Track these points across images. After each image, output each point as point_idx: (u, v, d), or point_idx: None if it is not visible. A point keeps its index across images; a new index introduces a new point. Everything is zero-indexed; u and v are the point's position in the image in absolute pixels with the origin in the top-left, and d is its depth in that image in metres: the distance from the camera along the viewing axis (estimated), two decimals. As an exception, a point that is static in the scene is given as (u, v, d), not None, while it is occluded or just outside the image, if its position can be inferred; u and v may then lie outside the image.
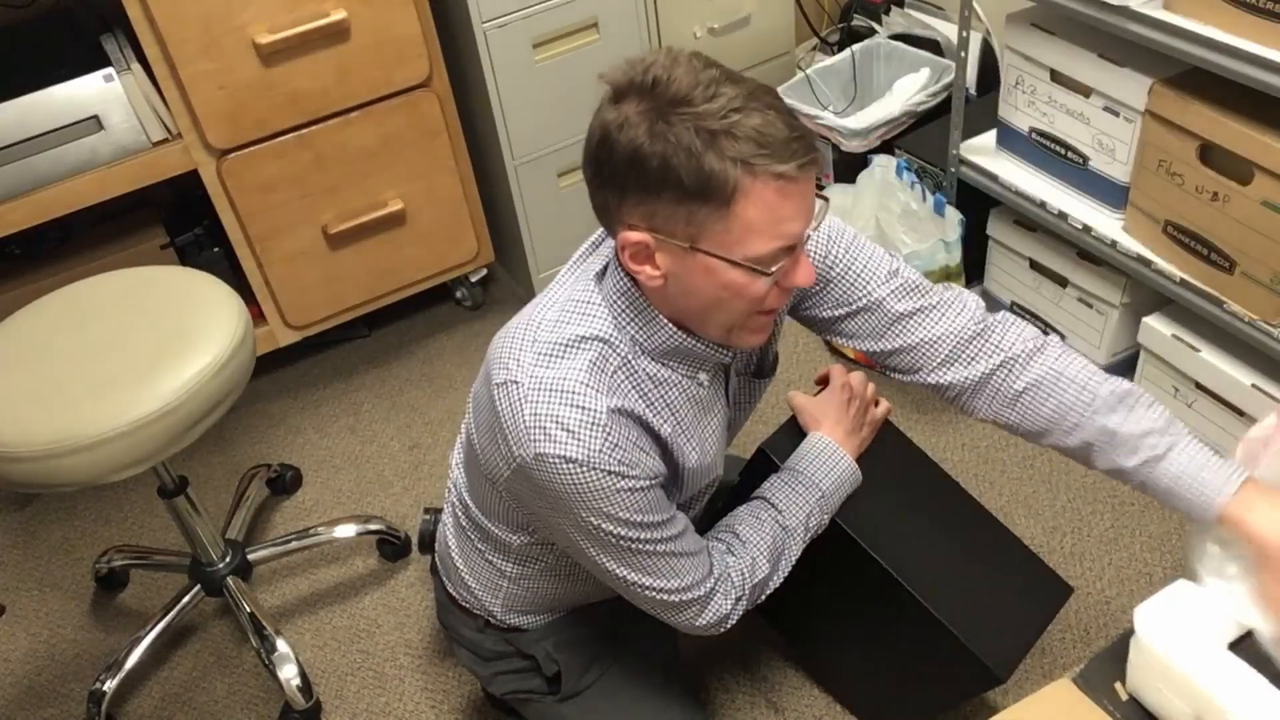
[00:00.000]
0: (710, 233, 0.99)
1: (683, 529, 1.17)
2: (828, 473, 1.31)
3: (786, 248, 1.00)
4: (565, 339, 1.09)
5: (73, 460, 1.38)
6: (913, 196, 2.03)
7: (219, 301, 1.56)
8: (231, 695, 1.79)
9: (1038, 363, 1.18)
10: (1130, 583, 1.73)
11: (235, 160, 1.99)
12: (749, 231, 0.98)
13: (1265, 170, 1.46)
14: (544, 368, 1.07)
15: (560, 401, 1.05)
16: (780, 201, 0.97)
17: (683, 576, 1.17)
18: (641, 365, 1.11)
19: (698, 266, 1.01)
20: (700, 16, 2.31)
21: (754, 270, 1.00)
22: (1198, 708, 0.92)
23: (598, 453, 1.05)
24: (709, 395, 1.19)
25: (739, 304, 1.04)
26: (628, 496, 1.09)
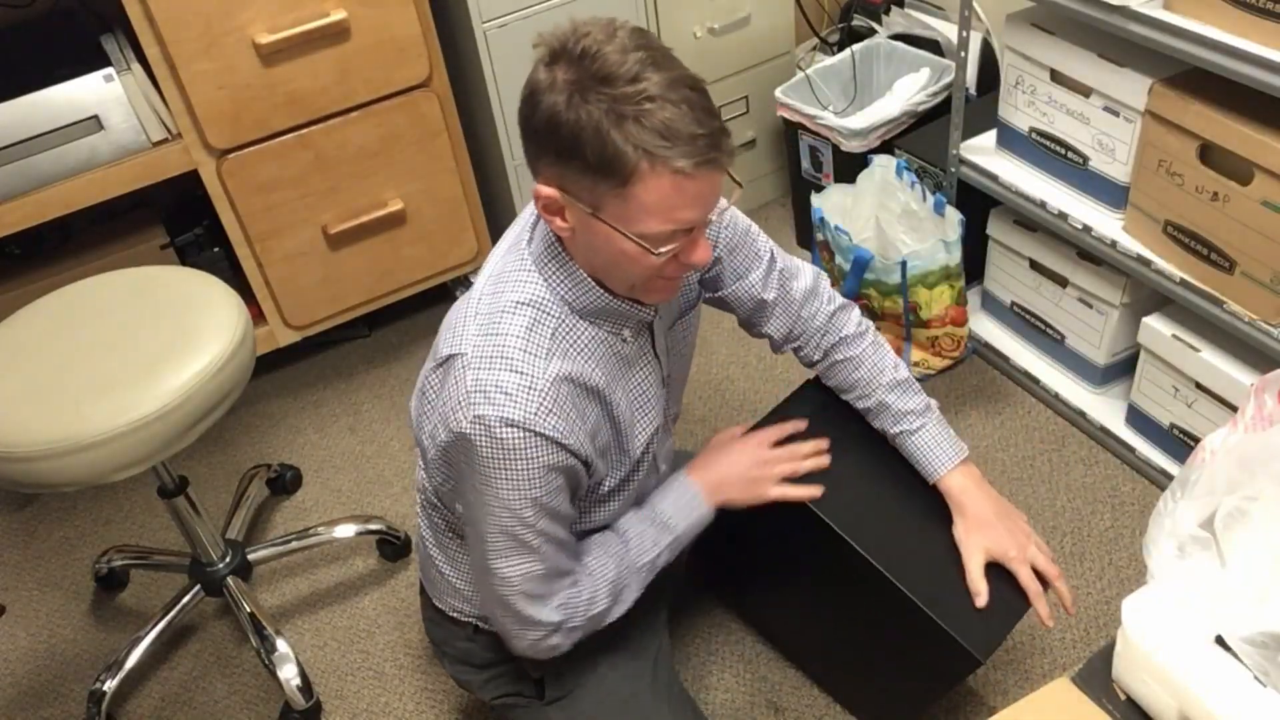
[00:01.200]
0: (609, 205, 1.05)
1: (565, 545, 1.25)
2: (685, 517, 1.36)
3: (681, 230, 1.06)
4: (502, 306, 1.16)
5: (73, 460, 1.38)
6: (913, 196, 2.03)
7: (219, 301, 1.56)
8: (231, 695, 1.79)
9: (857, 344, 1.45)
10: (1130, 583, 1.73)
11: (235, 160, 1.99)
12: (643, 212, 1.04)
13: (1265, 170, 1.46)
14: (485, 336, 1.14)
15: (501, 367, 1.12)
16: (675, 192, 1.02)
17: (545, 588, 1.24)
18: (573, 324, 1.17)
19: (599, 230, 1.07)
20: (700, 16, 2.32)
21: (644, 247, 1.06)
22: (1182, 701, 0.92)
23: (534, 414, 1.11)
24: (634, 350, 1.26)
25: (636, 269, 1.10)
26: (548, 475, 1.15)
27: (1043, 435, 2.01)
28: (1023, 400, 2.09)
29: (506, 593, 1.23)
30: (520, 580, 1.22)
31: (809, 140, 2.32)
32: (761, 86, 2.48)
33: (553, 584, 1.25)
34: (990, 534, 1.35)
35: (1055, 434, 2.00)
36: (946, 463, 1.41)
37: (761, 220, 2.66)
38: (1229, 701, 0.90)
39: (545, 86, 1.03)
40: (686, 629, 1.77)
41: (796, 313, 1.44)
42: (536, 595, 1.24)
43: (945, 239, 1.96)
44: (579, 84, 1.00)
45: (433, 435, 1.22)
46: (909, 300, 2.02)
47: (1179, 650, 0.93)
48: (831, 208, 2.09)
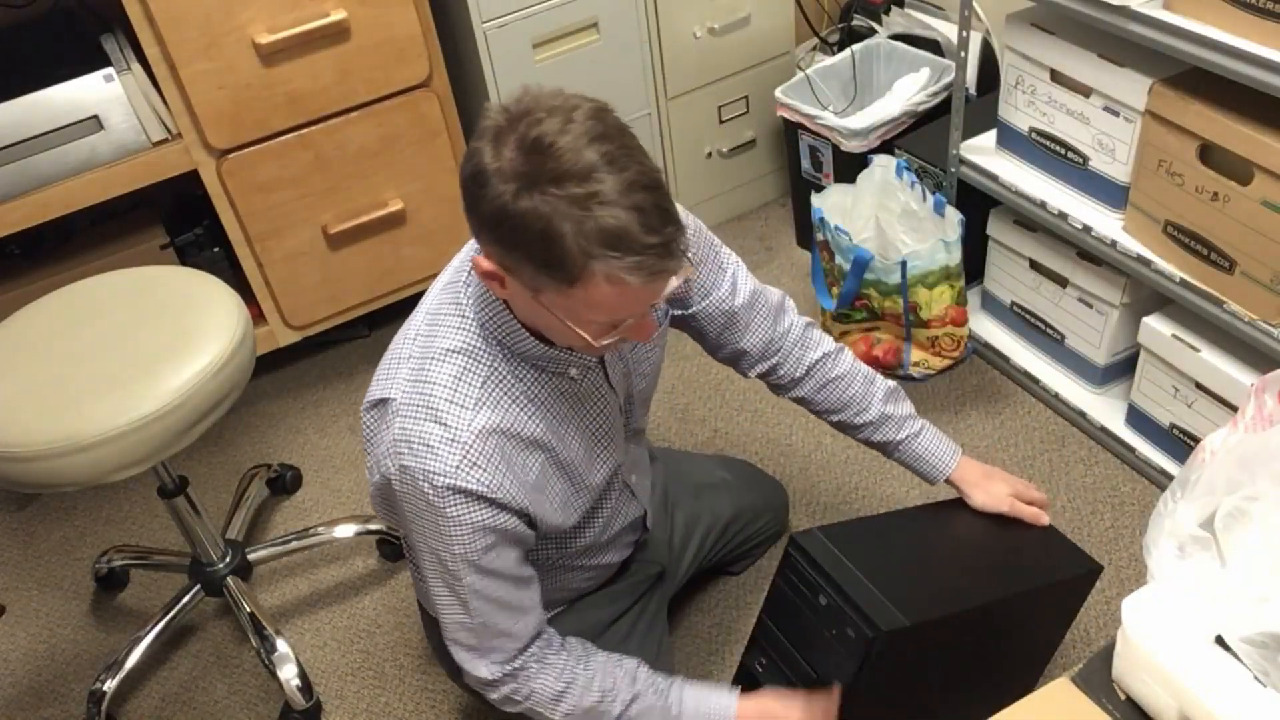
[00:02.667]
0: (552, 296, 1.01)
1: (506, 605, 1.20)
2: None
3: (622, 321, 1.04)
4: (432, 353, 1.13)
5: (73, 460, 1.38)
6: (913, 196, 2.03)
7: (219, 301, 1.56)
8: (231, 695, 1.79)
9: (841, 359, 1.47)
10: (1130, 583, 1.73)
11: (235, 160, 1.99)
12: (587, 308, 1.01)
13: (1265, 170, 1.46)
14: (413, 383, 1.12)
15: (425, 417, 1.10)
16: (621, 296, 0.99)
17: (476, 640, 1.21)
18: (509, 369, 1.14)
19: (540, 306, 1.04)
20: (700, 16, 2.32)
21: (585, 338, 1.05)
22: (1182, 700, 0.93)
23: (456, 468, 1.09)
24: (585, 388, 1.22)
25: (576, 343, 1.08)
26: (476, 535, 1.12)
27: (1043, 435, 2.01)
28: (1023, 400, 2.09)
29: (445, 631, 1.23)
30: (453, 626, 1.22)
31: (809, 140, 2.32)
32: (761, 86, 2.48)
33: (486, 640, 1.21)
34: (1001, 488, 1.46)
35: (1055, 434, 2.01)
36: (953, 455, 1.47)
37: (761, 220, 2.66)
38: (1229, 701, 0.90)
39: (492, 172, 0.96)
40: (687, 629, 1.77)
41: (771, 325, 1.41)
42: (468, 645, 1.22)
43: (945, 239, 1.96)
44: (529, 177, 0.94)
45: (370, 472, 1.21)
46: (909, 300, 2.02)
47: (1179, 650, 0.93)
48: (831, 208, 2.09)
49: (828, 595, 1.25)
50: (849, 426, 1.49)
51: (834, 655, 1.25)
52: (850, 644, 1.22)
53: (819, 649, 1.27)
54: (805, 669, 1.29)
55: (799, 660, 1.30)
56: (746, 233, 2.63)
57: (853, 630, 1.21)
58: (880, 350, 2.16)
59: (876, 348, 2.16)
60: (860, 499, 1.94)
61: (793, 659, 1.31)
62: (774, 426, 2.11)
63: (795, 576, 1.29)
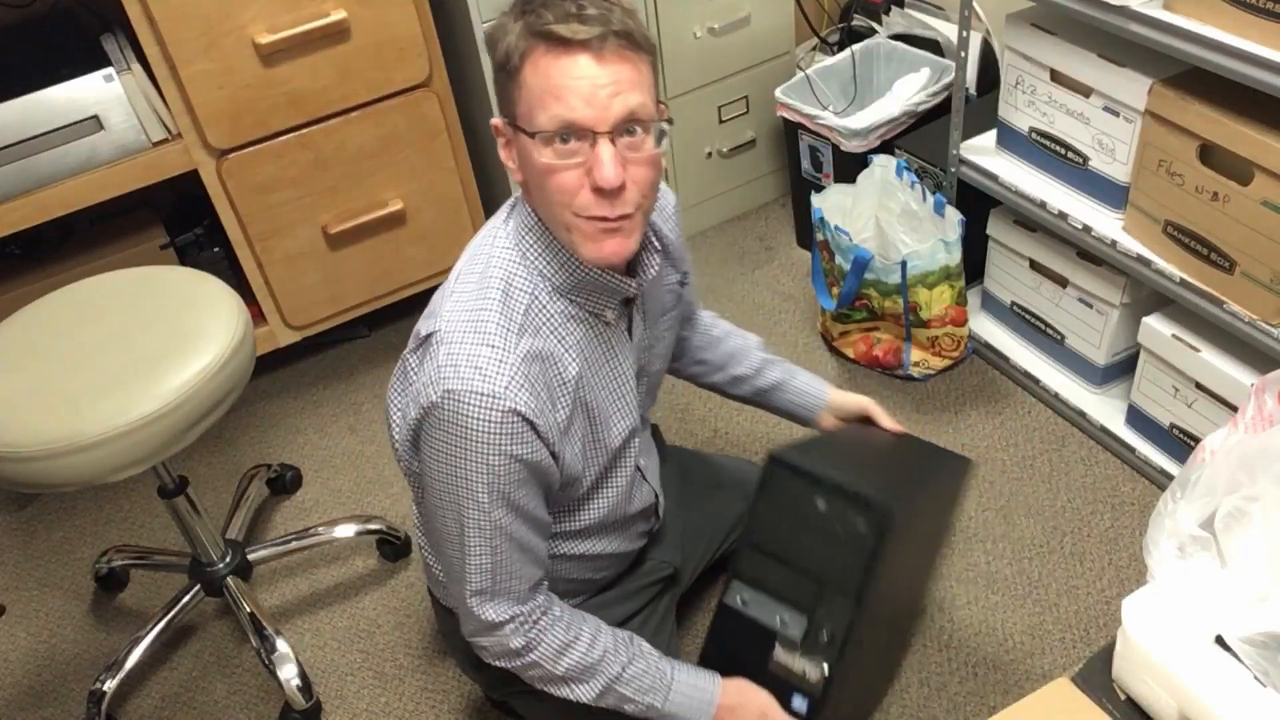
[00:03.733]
0: (515, 106, 1.07)
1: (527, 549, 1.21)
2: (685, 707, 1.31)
3: (573, 127, 1.03)
4: (478, 283, 1.15)
5: (73, 460, 1.38)
6: (913, 196, 2.03)
7: (219, 301, 1.56)
8: (231, 695, 1.79)
9: (717, 321, 1.60)
10: (1130, 583, 1.73)
11: (235, 160, 1.99)
12: (532, 101, 1.04)
13: (1265, 170, 1.46)
14: (460, 312, 1.13)
15: (475, 340, 1.11)
16: (557, 69, 1.02)
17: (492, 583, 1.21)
18: (549, 303, 1.16)
19: (522, 149, 1.09)
20: (700, 16, 2.32)
21: (542, 139, 1.05)
22: (1182, 701, 0.93)
23: (505, 388, 1.09)
24: (614, 335, 1.24)
25: (556, 195, 1.08)
26: (511, 464, 1.12)
27: (1043, 435, 2.01)
28: (1023, 400, 2.09)
29: (457, 576, 1.22)
30: (469, 569, 1.19)
31: (809, 140, 2.32)
32: (761, 86, 2.48)
33: (502, 581, 1.21)
34: (862, 400, 1.56)
35: (1055, 434, 2.01)
36: (823, 381, 1.59)
37: (761, 220, 2.66)
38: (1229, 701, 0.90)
39: (498, 21, 1.08)
40: (688, 628, 1.77)
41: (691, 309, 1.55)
42: (479, 589, 1.20)
43: (945, 239, 1.96)
44: (512, 9, 1.07)
45: (404, 413, 1.21)
46: (909, 300, 2.02)
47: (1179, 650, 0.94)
48: (831, 208, 2.09)
49: (825, 496, 1.24)
50: (741, 379, 1.58)
51: (839, 556, 1.23)
52: (859, 536, 1.21)
53: (818, 558, 1.25)
54: (803, 585, 1.26)
55: (794, 579, 1.27)
56: (746, 233, 2.63)
57: (862, 519, 1.20)
58: (880, 350, 2.16)
59: (876, 348, 2.16)
60: (860, 499, 1.94)
61: (785, 582, 1.28)
62: (774, 426, 2.11)
63: (782, 492, 1.28)
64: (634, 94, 1.04)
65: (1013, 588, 1.75)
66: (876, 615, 1.31)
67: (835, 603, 1.24)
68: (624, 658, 1.28)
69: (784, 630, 1.29)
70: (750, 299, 2.44)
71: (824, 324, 2.26)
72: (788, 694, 1.29)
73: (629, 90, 1.04)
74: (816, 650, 1.26)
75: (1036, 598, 1.73)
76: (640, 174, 1.08)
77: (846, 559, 1.23)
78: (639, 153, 1.07)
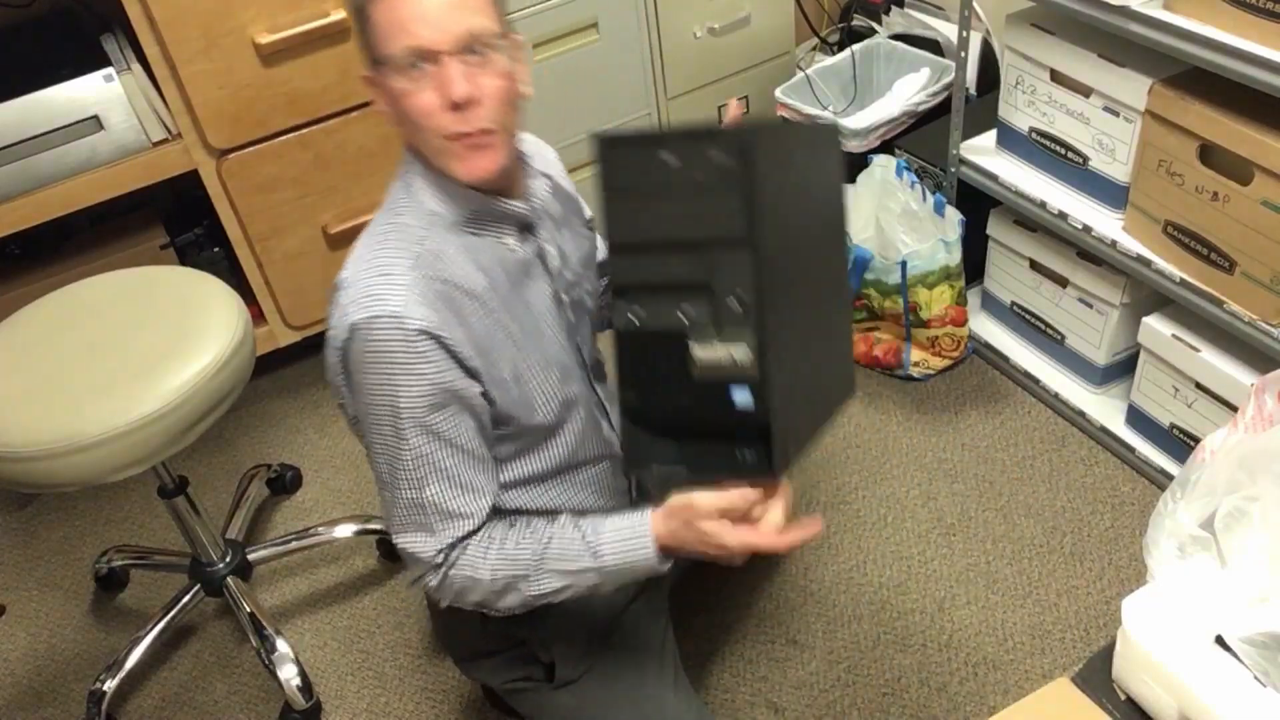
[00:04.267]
0: (372, 47, 1.13)
1: (461, 484, 1.19)
2: (620, 553, 1.19)
3: (419, 50, 1.09)
4: (373, 231, 1.20)
5: (73, 460, 1.38)
6: (913, 196, 2.03)
7: (219, 301, 1.56)
8: (231, 695, 1.79)
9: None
10: (1130, 583, 1.73)
11: (235, 160, 1.99)
12: (380, 34, 1.11)
13: (1265, 170, 1.46)
14: (358, 260, 1.18)
15: (370, 274, 1.15)
16: (400, 3, 1.09)
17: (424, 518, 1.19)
18: (448, 236, 1.19)
19: (383, 84, 1.14)
20: (700, 16, 2.31)
21: (396, 69, 1.10)
22: (1182, 701, 0.93)
23: (401, 306, 1.12)
24: (523, 259, 1.26)
25: (421, 120, 1.13)
26: (428, 390, 1.13)
27: (1043, 435, 2.01)
28: (1023, 400, 2.09)
29: (391, 522, 1.21)
30: (405, 505, 1.18)
31: (809, 140, 2.32)
32: (761, 86, 2.48)
33: (435, 520, 1.18)
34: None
35: (1055, 434, 2.01)
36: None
37: (761, 220, 2.66)
38: (1229, 701, 0.90)
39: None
40: (686, 628, 1.77)
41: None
42: (412, 522, 1.19)
43: (945, 239, 1.96)
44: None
45: (328, 365, 1.22)
46: (909, 300, 2.02)
47: (1179, 650, 0.94)
48: (831, 208, 2.09)
49: (673, 149, 1.06)
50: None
51: (714, 207, 1.05)
52: (726, 171, 1.04)
53: (692, 221, 1.07)
54: (690, 262, 1.07)
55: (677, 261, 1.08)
56: (746, 233, 2.63)
57: (721, 152, 1.03)
58: (880, 350, 2.16)
59: (876, 348, 2.17)
60: (860, 499, 1.94)
61: (670, 270, 1.09)
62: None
63: (624, 170, 1.09)
64: (473, 16, 1.11)
65: (1013, 588, 1.75)
66: (785, 268, 1.10)
67: (731, 260, 1.05)
68: (542, 538, 1.21)
69: (692, 322, 1.09)
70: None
71: (824, 324, 2.26)
72: (726, 394, 1.08)
73: (465, 12, 1.10)
74: (734, 324, 1.07)
75: (1036, 598, 1.73)
76: (491, 86, 1.13)
77: (723, 205, 1.05)
78: (486, 69, 1.13)
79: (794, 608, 1.78)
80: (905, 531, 1.87)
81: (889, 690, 1.64)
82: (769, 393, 1.06)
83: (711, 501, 1.11)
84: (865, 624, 1.74)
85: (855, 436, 2.06)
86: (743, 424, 1.08)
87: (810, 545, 1.87)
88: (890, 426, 2.07)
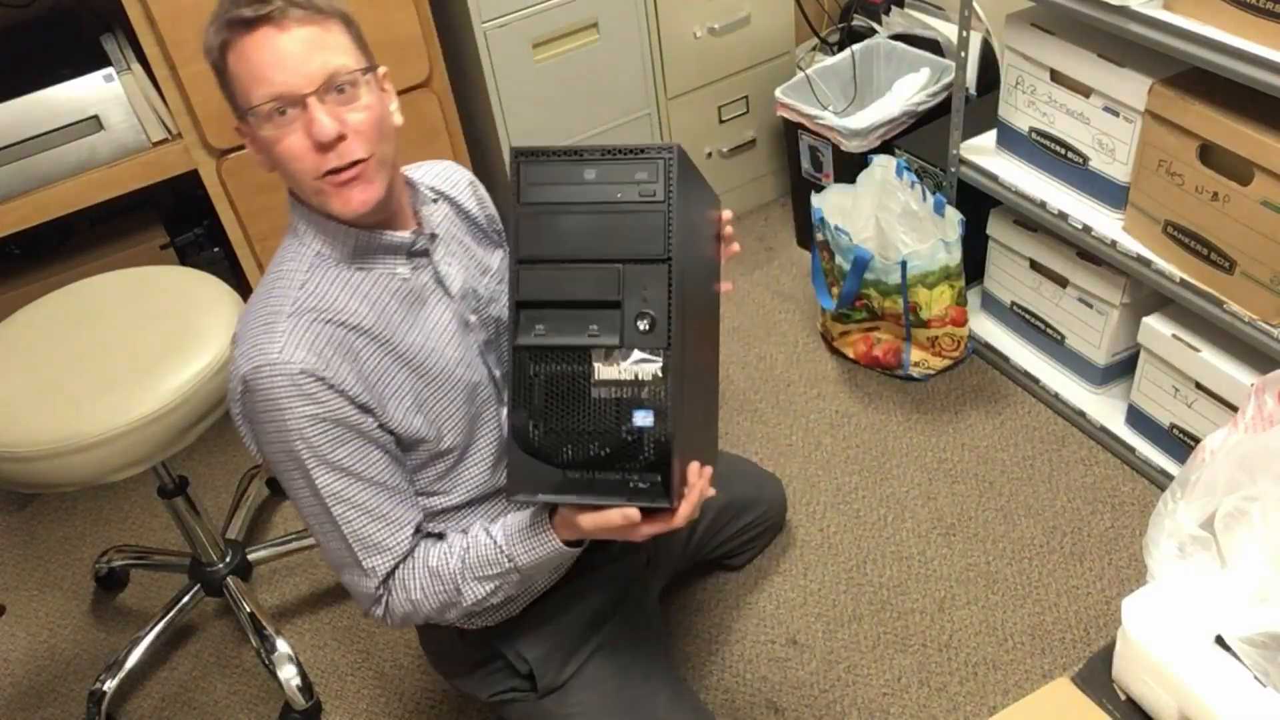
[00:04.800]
0: (235, 98, 1.14)
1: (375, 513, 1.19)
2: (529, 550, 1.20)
3: (280, 96, 1.09)
4: (264, 282, 1.20)
5: (73, 460, 1.38)
6: (913, 196, 2.03)
7: (219, 301, 1.56)
8: (231, 695, 1.79)
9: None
10: (1130, 583, 1.73)
11: (235, 160, 1.99)
12: (241, 86, 1.12)
13: (1265, 170, 1.46)
14: (249, 314, 1.18)
15: (255, 326, 1.15)
16: (250, 49, 1.09)
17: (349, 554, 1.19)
18: (334, 274, 1.19)
19: (255, 136, 1.14)
20: (700, 16, 2.31)
21: (262, 118, 1.10)
22: (1182, 701, 0.93)
23: (280, 351, 1.12)
24: (417, 286, 1.24)
25: (293, 165, 1.13)
26: (316, 425, 1.13)
27: (1043, 435, 2.01)
28: (1023, 400, 2.09)
29: (329, 561, 1.22)
30: (333, 545, 1.19)
31: (809, 140, 2.32)
32: (761, 86, 2.48)
33: (364, 555, 1.19)
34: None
35: (1055, 434, 2.01)
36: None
37: (761, 220, 2.66)
38: (1229, 701, 0.90)
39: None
40: (686, 628, 1.77)
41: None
42: (345, 561, 1.20)
43: (945, 239, 1.96)
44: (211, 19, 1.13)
45: (233, 420, 1.22)
46: (909, 300, 2.02)
47: (1179, 650, 0.94)
48: (831, 208, 2.09)
49: (593, 165, 1.06)
50: None
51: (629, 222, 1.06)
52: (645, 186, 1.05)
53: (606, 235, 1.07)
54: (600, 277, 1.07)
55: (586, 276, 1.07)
56: (746, 233, 2.63)
57: (642, 169, 1.05)
58: (880, 350, 2.16)
59: (876, 348, 2.17)
60: (860, 499, 1.94)
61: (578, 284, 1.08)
62: (774, 426, 2.11)
63: (539, 183, 1.08)
64: (329, 54, 1.11)
65: (1013, 588, 1.75)
66: (689, 297, 1.12)
67: (644, 276, 1.06)
68: (459, 551, 1.21)
69: (596, 339, 1.07)
70: (750, 299, 2.44)
71: (824, 324, 2.26)
72: (626, 416, 1.07)
73: (323, 52, 1.10)
74: (641, 344, 1.06)
75: (1036, 598, 1.73)
76: (358, 121, 1.13)
77: (640, 223, 1.05)
78: (351, 105, 1.13)
79: (794, 608, 1.78)
80: (905, 531, 1.87)
81: (889, 690, 1.64)
82: (672, 415, 1.05)
83: (593, 521, 1.09)
84: (865, 624, 1.74)
85: (855, 436, 2.06)
86: (639, 447, 1.07)
87: (810, 545, 1.87)
88: (890, 426, 2.07)
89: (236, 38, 1.10)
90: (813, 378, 2.21)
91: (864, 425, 2.08)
